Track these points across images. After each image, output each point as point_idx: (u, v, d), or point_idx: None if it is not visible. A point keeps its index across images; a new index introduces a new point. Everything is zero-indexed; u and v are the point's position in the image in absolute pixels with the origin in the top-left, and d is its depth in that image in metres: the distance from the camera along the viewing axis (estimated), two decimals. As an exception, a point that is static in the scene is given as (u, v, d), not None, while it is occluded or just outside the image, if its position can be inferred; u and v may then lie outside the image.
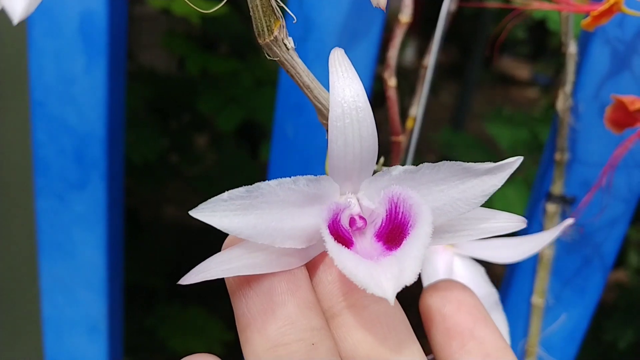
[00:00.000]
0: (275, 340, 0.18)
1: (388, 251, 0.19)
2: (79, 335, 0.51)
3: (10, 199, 0.55)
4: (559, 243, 0.42)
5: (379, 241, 0.19)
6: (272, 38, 0.19)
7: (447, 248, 0.29)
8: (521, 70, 2.47)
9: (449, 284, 0.23)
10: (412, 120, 0.39)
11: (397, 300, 0.19)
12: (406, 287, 0.17)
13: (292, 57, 0.19)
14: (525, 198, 0.63)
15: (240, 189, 0.18)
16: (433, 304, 0.22)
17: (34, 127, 0.45)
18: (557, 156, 0.39)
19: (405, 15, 0.31)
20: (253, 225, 0.18)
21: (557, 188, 0.40)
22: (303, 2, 0.37)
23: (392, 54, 0.31)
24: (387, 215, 0.19)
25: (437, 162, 0.20)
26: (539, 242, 0.27)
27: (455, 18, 0.43)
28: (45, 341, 0.51)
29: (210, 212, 0.18)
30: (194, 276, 0.19)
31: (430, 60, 0.39)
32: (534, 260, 0.42)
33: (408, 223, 0.19)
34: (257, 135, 1.21)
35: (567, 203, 0.40)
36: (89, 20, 0.41)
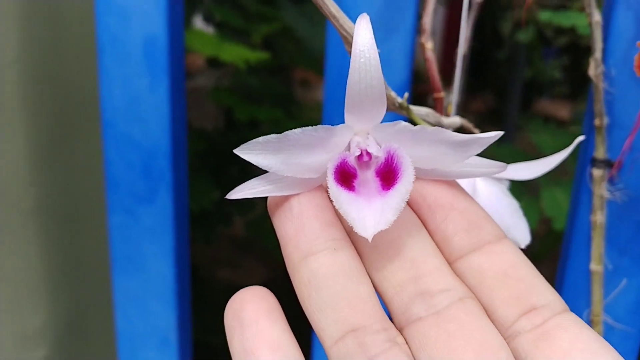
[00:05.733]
0: (307, 251, 0.23)
1: (382, 189, 0.23)
2: (151, 348, 0.53)
3: (86, 217, 0.59)
4: (610, 210, 0.42)
5: (377, 176, 0.24)
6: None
7: None
8: (561, 111, 2.46)
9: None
10: (450, 106, 0.42)
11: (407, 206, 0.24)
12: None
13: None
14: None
15: (272, 135, 0.22)
16: (414, 188, 0.25)
17: (105, 147, 0.49)
18: (597, 122, 0.41)
19: (435, -15, 0.34)
20: (280, 161, 0.23)
21: (600, 153, 0.41)
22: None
23: (426, 19, 0.35)
24: (385, 161, 0.24)
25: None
26: (549, 162, 0.31)
27: (489, 63, 0.46)
28: (119, 355, 0.53)
29: (248, 151, 0.22)
30: (235, 194, 0.24)
31: (460, 48, 0.42)
32: (587, 231, 0.43)
33: (398, 173, 0.23)
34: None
35: (612, 167, 0.41)
36: (151, 43, 0.46)
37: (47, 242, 0.58)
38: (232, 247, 1.64)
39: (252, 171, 1.16)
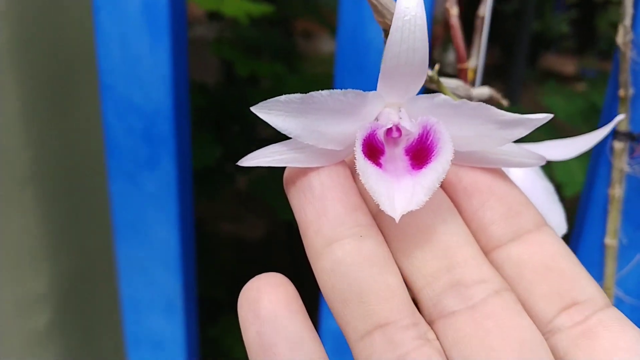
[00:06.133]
0: (330, 238, 0.21)
1: (412, 168, 0.21)
2: (156, 314, 0.52)
3: (86, 181, 0.57)
4: (629, 184, 0.41)
5: (406, 155, 0.21)
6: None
7: None
8: (567, 66, 2.43)
9: None
10: (472, 71, 0.40)
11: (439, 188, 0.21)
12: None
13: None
14: (586, 166, 0.62)
15: (296, 94, 0.20)
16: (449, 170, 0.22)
17: (104, 110, 0.47)
18: (621, 92, 0.39)
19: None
20: (302, 126, 0.20)
21: (623, 125, 0.39)
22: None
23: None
24: (418, 137, 0.21)
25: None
26: (588, 142, 0.29)
27: (495, 16, 0.43)
28: (124, 321, 0.53)
29: (267, 111, 0.20)
30: (247, 161, 0.21)
31: (486, 9, 0.40)
32: (604, 204, 0.42)
33: (433, 151, 0.21)
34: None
35: (634, 140, 0.39)
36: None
37: (46, 206, 0.56)
38: (235, 202, 1.64)
39: (254, 128, 1.14)
